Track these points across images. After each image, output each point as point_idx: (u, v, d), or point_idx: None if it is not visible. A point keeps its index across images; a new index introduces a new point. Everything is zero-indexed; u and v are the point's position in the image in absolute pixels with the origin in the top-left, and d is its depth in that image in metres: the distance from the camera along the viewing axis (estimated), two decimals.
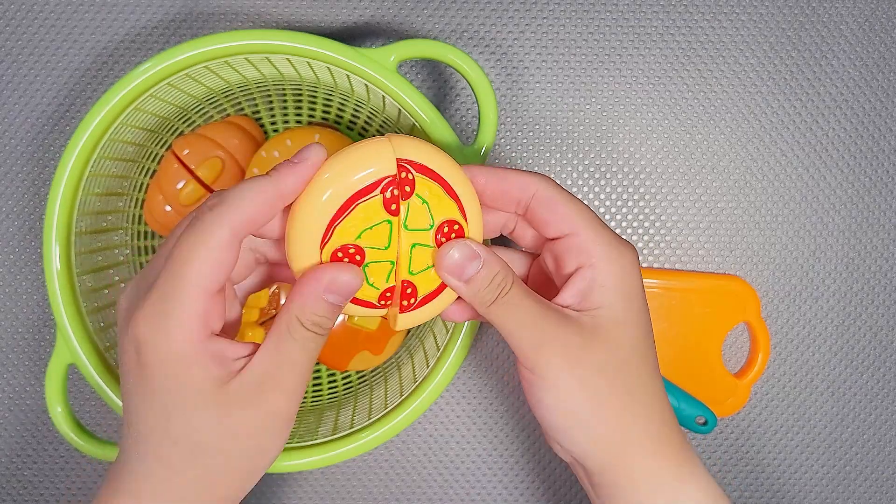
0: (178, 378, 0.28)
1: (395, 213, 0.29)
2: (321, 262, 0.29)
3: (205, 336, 0.28)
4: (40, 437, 0.49)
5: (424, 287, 0.31)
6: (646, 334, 0.32)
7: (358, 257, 0.29)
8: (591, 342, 0.31)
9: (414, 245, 0.30)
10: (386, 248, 0.30)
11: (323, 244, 0.29)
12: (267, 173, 0.29)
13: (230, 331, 0.32)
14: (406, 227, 0.29)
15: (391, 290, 0.31)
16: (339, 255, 0.29)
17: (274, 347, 0.29)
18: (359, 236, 0.29)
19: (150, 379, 0.29)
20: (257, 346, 0.30)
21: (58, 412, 0.39)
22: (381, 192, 0.28)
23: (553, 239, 0.32)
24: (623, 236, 0.49)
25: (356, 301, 0.31)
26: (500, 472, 0.50)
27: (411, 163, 0.29)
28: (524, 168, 0.49)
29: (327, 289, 0.29)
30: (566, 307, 0.31)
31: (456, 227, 0.30)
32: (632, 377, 0.31)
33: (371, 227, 0.29)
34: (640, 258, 0.49)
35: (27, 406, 0.49)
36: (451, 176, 0.30)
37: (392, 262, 0.30)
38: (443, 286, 0.31)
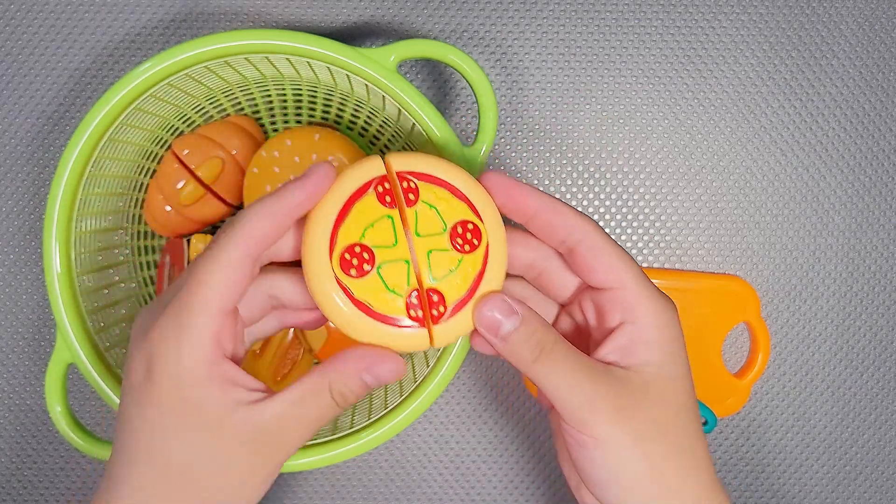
0: (185, 395, 0.28)
1: (392, 205, 0.29)
2: (333, 274, 0.29)
3: (218, 356, 0.28)
4: (40, 436, 0.49)
5: (453, 293, 0.30)
6: (691, 390, 0.32)
7: (366, 255, 0.29)
8: (643, 399, 0.30)
9: (430, 251, 0.30)
10: (394, 246, 0.29)
11: (331, 252, 0.29)
12: (274, 190, 0.29)
13: None
14: (418, 233, 0.29)
15: (418, 296, 0.29)
16: (347, 256, 0.29)
17: (297, 401, 0.29)
18: (362, 235, 0.29)
19: (156, 395, 0.28)
20: (269, 388, 0.30)
21: (57, 412, 0.39)
22: (374, 189, 0.29)
23: (595, 289, 0.31)
24: (623, 236, 0.49)
25: (382, 318, 0.29)
26: (500, 471, 0.50)
27: (411, 172, 0.30)
28: (525, 167, 0.49)
29: (367, 369, 0.29)
30: (610, 363, 0.30)
31: (471, 226, 0.30)
32: (682, 435, 0.31)
33: (372, 225, 0.29)
34: (640, 258, 0.49)
35: (27, 406, 0.49)
36: (458, 179, 0.30)
37: (406, 262, 0.30)
38: (475, 289, 0.30)
